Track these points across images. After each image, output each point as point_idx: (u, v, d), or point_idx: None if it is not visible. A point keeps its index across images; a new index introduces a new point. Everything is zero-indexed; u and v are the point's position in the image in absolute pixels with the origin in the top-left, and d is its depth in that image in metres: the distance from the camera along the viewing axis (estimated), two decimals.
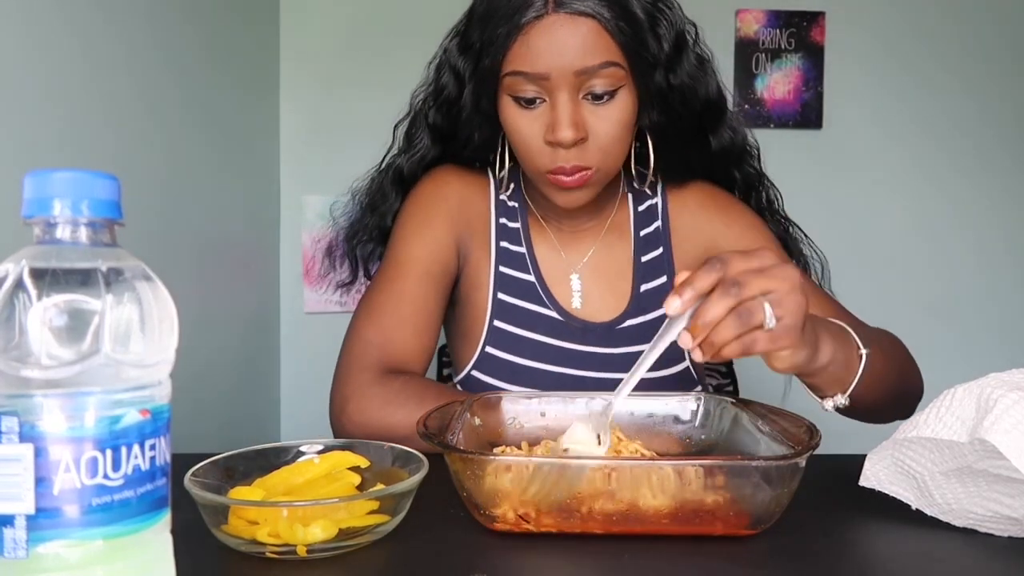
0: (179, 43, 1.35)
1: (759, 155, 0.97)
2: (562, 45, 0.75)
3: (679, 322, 0.56)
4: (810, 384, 0.70)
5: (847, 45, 2.04)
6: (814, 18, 2.03)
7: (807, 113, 2.04)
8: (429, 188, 0.94)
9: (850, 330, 0.71)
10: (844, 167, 2.06)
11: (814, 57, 2.04)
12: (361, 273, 1.00)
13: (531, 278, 0.92)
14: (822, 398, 0.70)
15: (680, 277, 0.56)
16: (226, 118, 1.60)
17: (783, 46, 2.03)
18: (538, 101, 0.79)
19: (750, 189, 0.97)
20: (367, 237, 0.98)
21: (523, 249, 0.93)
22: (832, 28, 2.04)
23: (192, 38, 1.41)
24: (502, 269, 0.92)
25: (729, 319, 0.55)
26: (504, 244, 0.93)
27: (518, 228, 0.94)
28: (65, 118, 1.00)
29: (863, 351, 0.69)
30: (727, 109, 0.90)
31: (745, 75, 2.03)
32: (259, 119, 1.86)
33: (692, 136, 0.89)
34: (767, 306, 0.55)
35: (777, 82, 2.04)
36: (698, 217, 0.94)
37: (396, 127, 0.97)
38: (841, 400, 0.69)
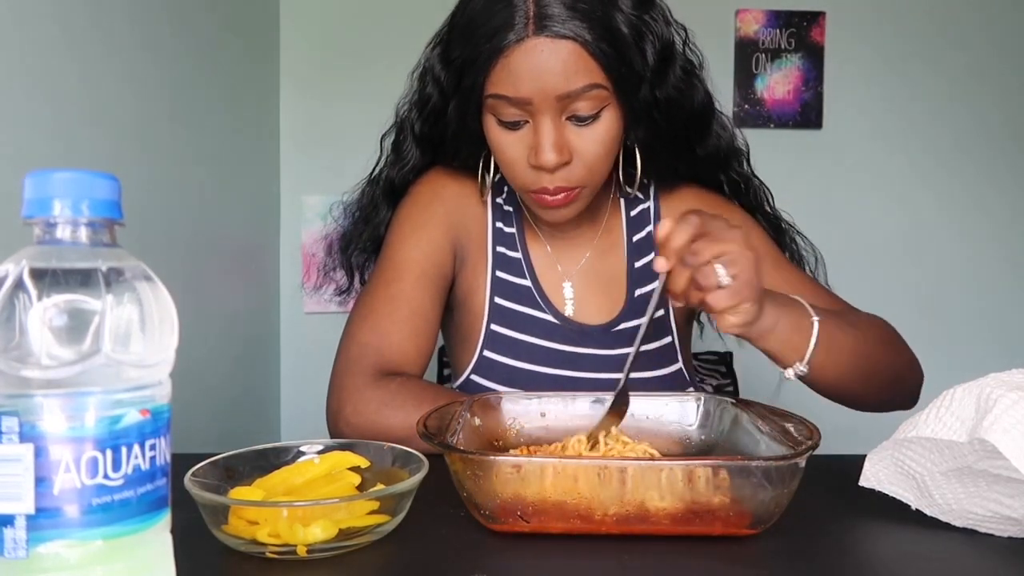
0: (179, 44, 1.36)
1: (748, 155, 0.96)
2: (544, 70, 0.73)
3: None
4: (765, 351, 0.72)
5: (847, 45, 2.04)
6: (814, 18, 2.03)
7: (807, 113, 2.04)
8: (426, 190, 0.93)
9: (802, 301, 0.73)
10: (844, 167, 2.06)
11: (814, 57, 2.04)
12: (357, 280, 1.00)
13: (527, 283, 0.92)
14: (783, 368, 0.73)
15: (663, 228, 0.63)
16: (226, 118, 1.60)
17: (783, 46, 2.03)
18: (521, 123, 0.78)
19: (737, 190, 0.97)
20: (360, 248, 0.97)
21: (519, 254, 0.93)
22: (832, 28, 2.04)
23: (192, 39, 1.41)
24: (498, 274, 0.92)
25: (692, 285, 0.64)
26: (500, 249, 0.93)
27: (514, 233, 0.94)
28: (66, 119, 1.00)
29: (815, 318, 0.71)
30: (713, 117, 0.89)
31: (745, 75, 2.03)
32: (259, 119, 1.86)
33: (678, 146, 0.88)
34: (719, 268, 0.63)
35: (777, 82, 2.04)
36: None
37: (383, 139, 0.96)
38: (801, 367, 0.71)
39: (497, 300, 0.91)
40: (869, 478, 0.59)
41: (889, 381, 0.83)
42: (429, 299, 0.87)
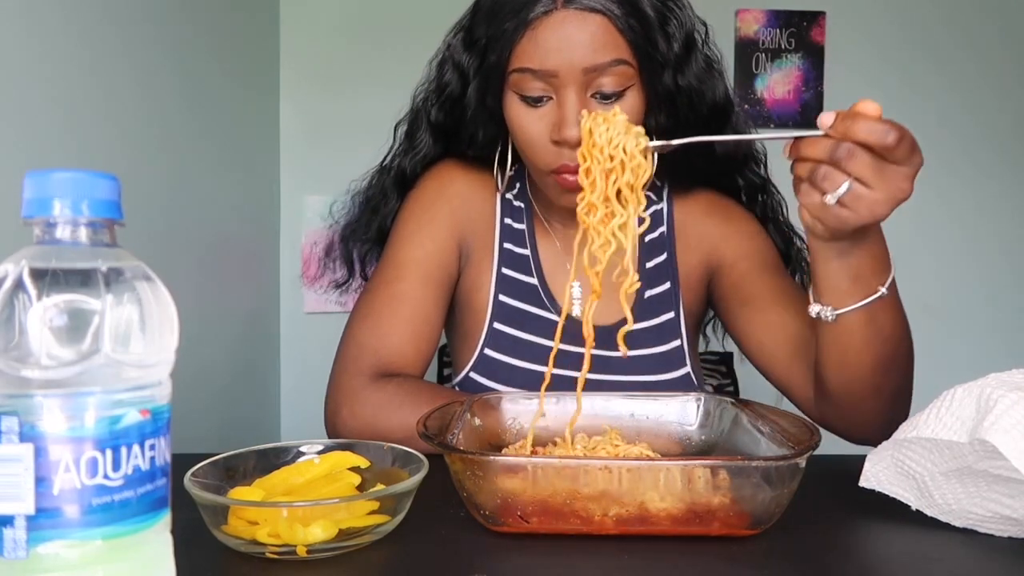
0: (179, 43, 1.35)
1: (765, 161, 0.96)
2: (571, 41, 0.73)
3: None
4: (815, 267, 0.68)
5: (847, 45, 2.04)
6: (814, 18, 2.03)
7: (807, 113, 2.04)
8: (432, 186, 0.92)
9: (892, 271, 0.68)
10: None
11: (814, 57, 2.04)
12: (357, 272, 0.98)
13: (534, 280, 0.91)
14: (815, 300, 0.69)
15: (865, 105, 0.58)
16: (226, 118, 1.60)
17: (783, 46, 2.03)
18: (545, 99, 0.78)
19: (754, 196, 0.96)
20: (364, 237, 0.96)
21: (527, 251, 0.92)
22: (832, 28, 2.04)
23: (192, 38, 1.41)
24: (504, 271, 0.91)
25: (813, 171, 0.59)
26: (508, 245, 0.92)
27: (523, 229, 0.93)
28: (65, 118, 1.00)
29: (883, 289, 0.67)
30: (733, 113, 0.89)
31: (745, 75, 2.03)
32: (259, 119, 1.86)
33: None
34: (844, 186, 0.57)
35: (777, 82, 2.04)
36: (702, 225, 0.94)
37: (396, 127, 0.96)
38: (829, 313, 0.68)
39: (501, 298, 0.90)
40: (869, 478, 0.59)
41: (895, 392, 0.76)
42: (431, 300, 0.86)
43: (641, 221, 0.65)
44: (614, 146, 0.64)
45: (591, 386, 0.88)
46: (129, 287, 0.36)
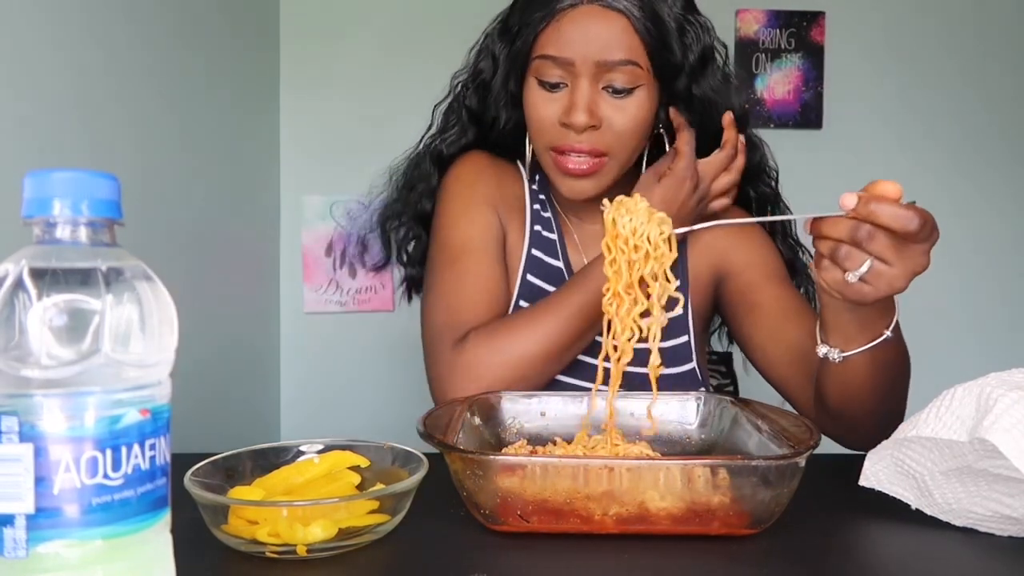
0: (179, 43, 1.35)
1: (777, 177, 0.98)
2: (590, 35, 0.79)
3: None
4: (824, 316, 0.68)
5: (847, 45, 2.04)
6: (814, 18, 2.03)
7: (807, 113, 2.04)
8: (466, 170, 0.95)
9: (896, 313, 0.68)
10: (844, 167, 2.05)
11: (814, 57, 2.03)
12: (394, 256, 1.01)
13: (559, 264, 0.94)
14: (823, 340, 0.69)
15: (885, 187, 0.59)
16: (226, 118, 1.60)
17: (783, 46, 2.03)
18: (561, 85, 0.82)
19: (764, 208, 0.98)
20: (399, 221, 0.99)
21: (555, 236, 0.95)
22: (832, 28, 2.04)
23: (193, 38, 1.41)
24: (534, 252, 0.94)
25: (834, 249, 0.60)
26: (538, 228, 0.95)
27: (550, 217, 0.96)
28: (65, 118, 1.00)
29: (888, 332, 0.67)
30: (749, 127, 0.93)
31: (745, 75, 2.03)
32: (259, 119, 1.86)
33: (710, 147, 0.90)
34: (865, 266, 0.58)
35: (777, 82, 2.04)
36: (713, 230, 0.95)
37: (435, 108, 0.99)
38: (835, 355, 0.68)
39: (529, 277, 0.93)
40: (869, 478, 0.59)
41: (892, 411, 0.77)
42: (498, 271, 0.89)
43: (674, 304, 0.67)
44: (639, 236, 0.65)
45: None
46: (129, 287, 0.36)
